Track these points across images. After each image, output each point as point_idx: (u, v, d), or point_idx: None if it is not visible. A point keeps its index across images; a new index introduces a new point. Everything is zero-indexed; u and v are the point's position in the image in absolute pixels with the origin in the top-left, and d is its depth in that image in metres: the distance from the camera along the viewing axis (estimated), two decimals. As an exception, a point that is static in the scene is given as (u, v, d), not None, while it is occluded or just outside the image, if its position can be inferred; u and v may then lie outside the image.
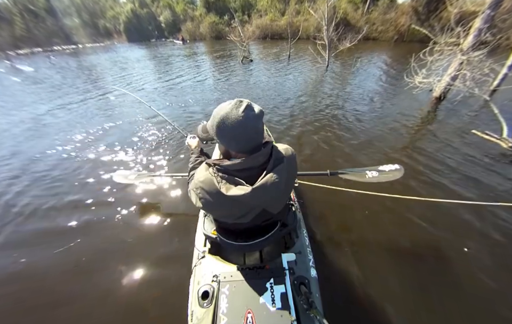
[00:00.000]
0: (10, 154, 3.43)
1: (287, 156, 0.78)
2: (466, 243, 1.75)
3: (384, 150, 3.03)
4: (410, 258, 1.70)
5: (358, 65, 7.90)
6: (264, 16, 23.04)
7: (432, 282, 1.54)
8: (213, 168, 0.73)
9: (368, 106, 4.57)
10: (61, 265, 1.75)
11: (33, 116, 4.87)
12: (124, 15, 28.86)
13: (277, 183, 0.70)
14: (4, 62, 15.13)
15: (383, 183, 1.53)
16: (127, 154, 3.17)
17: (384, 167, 1.60)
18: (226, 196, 0.68)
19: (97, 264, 1.73)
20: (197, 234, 1.33)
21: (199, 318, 0.85)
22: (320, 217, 2.04)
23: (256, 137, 0.71)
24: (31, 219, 2.21)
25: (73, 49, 23.85)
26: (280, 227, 0.94)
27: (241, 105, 0.68)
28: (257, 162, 0.71)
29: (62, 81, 8.53)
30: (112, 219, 2.10)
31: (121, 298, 1.51)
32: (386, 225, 1.94)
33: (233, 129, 0.68)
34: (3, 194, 2.56)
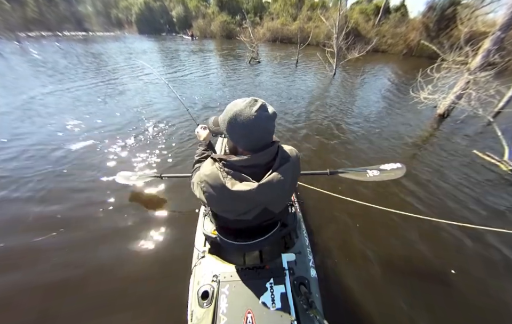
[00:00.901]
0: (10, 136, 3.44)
1: (292, 156, 0.79)
2: (456, 264, 1.74)
3: (384, 162, 3.00)
4: (404, 267, 1.70)
5: (364, 76, 7.89)
6: (275, 20, 23.13)
7: (425, 291, 1.55)
8: (219, 163, 0.73)
9: (371, 118, 4.56)
10: (60, 263, 1.70)
11: (31, 98, 4.92)
12: (137, 7, 29.12)
13: (283, 181, 0.71)
14: (13, 42, 15.33)
15: (382, 193, 1.52)
16: (125, 151, 3.14)
17: (385, 166, 1.58)
18: (231, 191, 0.68)
19: (96, 263, 1.71)
20: (196, 234, 1.32)
21: (199, 318, 0.85)
22: (320, 217, 2.04)
23: (265, 137, 0.71)
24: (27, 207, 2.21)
25: (83, 36, 24.03)
26: (280, 227, 0.94)
27: (255, 104, 0.68)
28: (264, 160, 0.72)
29: (66, 66, 8.59)
30: (112, 218, 2.09)
31: (121, 297, 1.50)
32: (382, 234, 1.94)
33: (244, 127, 0.68)
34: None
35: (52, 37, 19.28)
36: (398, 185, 2.53)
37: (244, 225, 0.85)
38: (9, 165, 2.74)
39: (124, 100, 5.07)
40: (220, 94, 5.81)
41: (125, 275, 1.62)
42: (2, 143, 3.22)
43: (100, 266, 1.68)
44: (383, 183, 2.45)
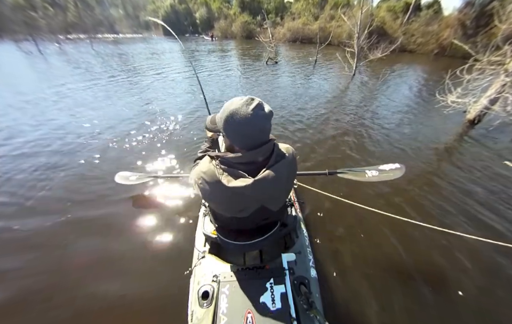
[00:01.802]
0: (37, 124, 3.83)
1: (288, 154, 0.79)
2: (472, 281, 1.59)
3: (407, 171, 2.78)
4: (404, 269, 1.65)
5: (387, 77, 7.39)
6: (297, 19, 22.81)
7: (426, 293, 1.51)
8: (216, 160, 0.74)
9: (392, 121, 4.25)
10: (59, 263, 1.72)
11: (61, 92, 5.60)
12: (163, 9, 30.56)
13: (278, 177, 0.71)
14: (54, 44, 16.94)
15: (390, 200, 1.42)
16: (135, 148, 3.27)
17: (384, 166, 1.57)
18: (227, 188, 0.69)
19: (96, 263, 1.71)
20: (197, 234, 1.32)
21: (199, 318, 0.85)
22: (321, 217, 2.01)
23: (261, 136, 0.71)
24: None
25: (114, 38, 25.80)
26: (280, 227, 0.94)
27: (252, 102, 0.69)
28: (259, 157, 0.73)
29: (97, 65, 9.26)
30: (112, 218, 2.10)
31: (121, 297, 1.49)
32: (383, 237, 1.88)
33: (241, 125, 0.68)
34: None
35: (87, 39, 20.90)
36: (417, 192, 2.38)
37: (243, 224, 0.85)
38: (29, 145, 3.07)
39: (142, 97, 5.37)
40: (232, 94, 5.84)
41: (124, 275, 1.62)
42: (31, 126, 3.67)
43: (99, 266, 1.68)
44: (399, 190, 2.38)
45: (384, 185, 2.40)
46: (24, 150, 3.17)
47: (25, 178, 2.57)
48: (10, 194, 2.35)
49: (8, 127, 3.79)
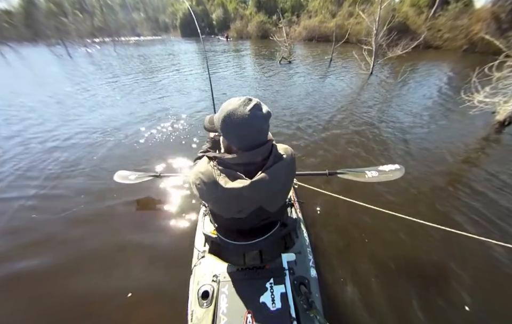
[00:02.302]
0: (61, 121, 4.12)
1: (286, 155, 0.78)
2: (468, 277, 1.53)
3: (428, 174, 2.61)
4: (405, 269, 1.62)
5: (407, 76, 6.94)
6: (313, 18, 22.35)
7: (426, 293, 1.47)
8: (214, 161, 0.75)
9: (411, 122, 3.97)
10: (58, 261, 1.73)
11: (85, 92, 6.06)
12: (181, 12, 31.44)
13: (276, 179, 0.71)
14: (81, 47, 18.14)
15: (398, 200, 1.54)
16: (143, 145, 3.41)
17: (384, 167, 1.60)
18: (224, 189, 0.68)
19: (95, 263, 1.72)
20: (196, 234, 1.33)
21: (199, 318, 0.85)
22: (321, 217, 2.00)
23: (259, 137, 0.71)
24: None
25: (135, 40, 27.06)
26: (280, 227, 0.93)
27: (249, 103, 0.68)
28: (257, 158, 0.72)
29: (118, 67, 9.75)
30: (112, 217, 2.10)
31: (120, 297, 1.49)
32: (384, 236, 1.84)
33: (238, 126, 0.68)
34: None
35: (111, 42, 22.13)
36: (436, 195, 2.26)
37: (242, 225, 0.85)
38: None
39: (155, 96, 5.58)
40: (242, 94, 5.81)
41: (124, 275, 1.63)
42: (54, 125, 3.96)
43: (98, 266, 1.69)
44: (414, 193, 2.26)
45: (398, 186, 2.30)
46: (48, 143, 3.50)
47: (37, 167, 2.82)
48: (33, 179, 2.66)
49: (38, 123, 4.25)
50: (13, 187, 2.56)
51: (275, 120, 4.13)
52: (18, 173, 2.80)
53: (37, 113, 4.73)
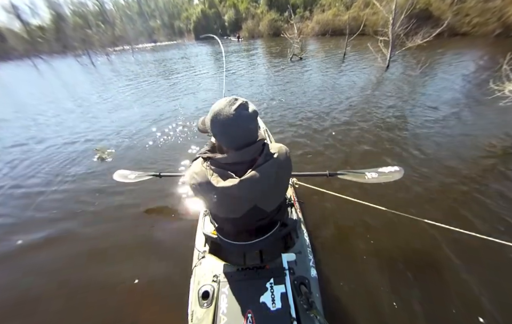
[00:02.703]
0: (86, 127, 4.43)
1: (279, 153, 0.78)
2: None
3: (442, 174, 2.39)
4: (406, 269, 1.57)
5: (428, 66, 6.40)
6: (327, 11, 21.69)
7: (426, 294, 1.44)
8: (207, 161, 0.77)
9: (431, 117, 3.64)
10: (58, 259, 1.77)
11: (104, 96, 6.67)
12: (195, 16, 32.18)
13: (266, 177, 0.71)
14: (103, 55, 19.32)
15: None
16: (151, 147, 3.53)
17: (383, 169, 1.61)
18: (216, 188, 0.70)
19: (95, 263, 1.73)
20: (197, 234, 1.33)
21: (199, 318, 0.86)
22: (321, 217, 1.97)
23: (246, 136, 0.72)
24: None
25: (152, 46, 28.21)
26: (280, 227, 0.94)
27: (235, 103, 0.70)
28: (247, 157, 0.73)
29: (134, 72, 10.25)
30: (111, 217, 2.11)
31: (120, 297, 1.50)
32: (385, 236, 1.79)
33: (223, 126, 0.70)
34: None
35: (129, 50, 23.29)
36: (453, 196, 2.08)
37: (240, 225, 0.85)
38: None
39: (166, 98, 5.80)
40: (248, 93, 5.78)
41: (124, 275, 1.63)
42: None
43: (96, 266, 1.70)
44: (425, 192, 2.12)
45: (409, 186, 2.17)
46: (67, 140, 3.97)
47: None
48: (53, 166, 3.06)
49: (59, 123, 4.88)
50: (35, 179, 2.88)
51: (281, 117, 4.06)
52: (41, 169, 3.13)
53: (60, 117, 5.30)
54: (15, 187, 2.80)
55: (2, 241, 2.03)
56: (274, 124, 3.88)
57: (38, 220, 2.22)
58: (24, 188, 2.77)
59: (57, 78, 12.09)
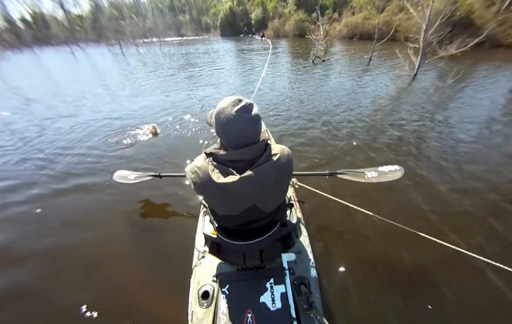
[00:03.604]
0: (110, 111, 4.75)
1: (281, 155, 0.78)
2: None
3: (477, 196, 2.20)
4: (404, 271, 1.59)
5: (460, 78, 5.87)
6: (357, 14, 20.91)
7: (425, 295, 1.46)
8: (210, 157, 0.77)
9: (464, 134, 3.33)
10: (58, 260, 1.76)
11: (130, 85, 7.08)
12: (222, 12, 32.67)
13: (265, 177, 0.72)
14: (132, 46, 20.35)
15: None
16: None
17: (383, 168, 1.61)
18: (216, 184, 0.71)
19: (95, 262, 1.73)
20: (197, 234, 1.33)
21: (199, 318, 0.86)
22: (321, 218, 1.98)
23: (243, 137, 0.72)
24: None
25: (179, 40, 29.12)
26: (280, 227, 0.94)
27: (238, 104, 0.70)
28: (249, 156, 0.73)
29: (159, 63, 10.73)
30: (111, 217, 2.11)
31: (120, 297, 1.49)
32: (385, 242, 1.77)
33: (223, 125, 0.71)
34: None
35: (158, 42, 24.27)
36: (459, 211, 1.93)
37: (239, 223, 0.86)
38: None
39: (186, 90, 6.02)
40: (263, 93, 5.75)
41: (124, 275, 1.63)
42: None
43: (97, 266, 1.69)
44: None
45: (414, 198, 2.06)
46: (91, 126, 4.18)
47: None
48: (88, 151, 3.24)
49: (89, 107, 5.27)
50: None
51: (296, 119, 3.99)
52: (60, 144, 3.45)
53: (90, 101, 5.82)
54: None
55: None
56: (278, 124, 3.88)
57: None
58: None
59: (91, 65, 13.00)
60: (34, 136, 3.86)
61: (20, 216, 2.19)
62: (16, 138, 3.84)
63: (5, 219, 2.16)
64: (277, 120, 4.08)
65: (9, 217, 2.19)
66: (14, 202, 2.36)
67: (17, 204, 2.32)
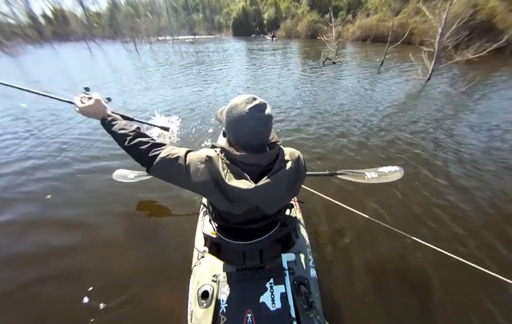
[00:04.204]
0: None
1: (293, 160, 0.77)
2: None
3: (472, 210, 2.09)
4: (403, 273, 1.60)
5: (476, 84, 5.59)
6: (372, 16, 20.48)
7: (424, 296, 1.47)
8: (221, 153, 0.75)
9: (480, 142, 3.19)
10: (58, 259, 1.75)
11: (143, 80, 7.35)
12: (235, 12, 32.85)
13: (279, 185, 0.71)
14: (146, 44, 20.84)
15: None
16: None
17: (383, 168, 1.60)
18: (226, 184, 0.68)
19: (95, 262, 1.73)
20: (196, 234, 1.33)
21: (198, 318, 0.86)
22: (321, 218, 1.99)
23: (257, 138, 0.71)
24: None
25: (192, 39, 29.55)
26: (280, 227, 0.94)
27: (252, 102, 0.69)
28: (264, 162, 0.72)
29: (170, 60, 11.03)
30: (109, 217, 2.11)
31: (120, 297, 1.48)
32: (384, 244, 1.78)
33: (235, 121, 0.70)
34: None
35: (171, 41, 24.72)
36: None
37: (239, 222, 0.86)
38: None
39: (194, 87, 6.12)
40: (266, 95, 5.75)
41: (123, 276, 1.63)
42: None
43: (97, 266, 1.69)
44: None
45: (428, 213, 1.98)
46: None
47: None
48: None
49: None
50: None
51: (296, 117, 3.98)
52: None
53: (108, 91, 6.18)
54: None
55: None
56: (284, 126, 3.89)
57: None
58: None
59: (106, 61, 13.44)
60: (39, 126, 4.05)
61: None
62: (31, 126, 4.06)
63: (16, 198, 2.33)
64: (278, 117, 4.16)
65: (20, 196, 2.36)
66: (24, 190, 2.47)
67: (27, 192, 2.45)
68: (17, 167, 2.83)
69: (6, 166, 2.85)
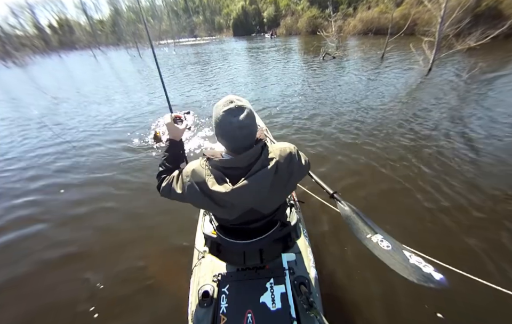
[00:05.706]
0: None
1: (280, 157, 0.74)
2: None
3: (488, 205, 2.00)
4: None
5: (477, 74, 5.42)
6: (373, 8, 20.17)
7: (424, 297, 1.42)
8: (206, 161, 0.76)
9: (473, 137, 3.07)
10: (59, 258, 1.80)
11: (145, 83, 7.53)
12: (235, 12, 32.92)
13: (260, 185, 0.68)
14: (149, 49, 21.14)
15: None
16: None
17: (419, 259, 0.80)
18: (210, 190, 0.70)
19: (95, 262, 1.74)
20: (197, 234, 1.34)
21: (199, 318, 0.86)
22: (321, 218, 1.98)
23: (233, 141, 0.70)
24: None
25: (193, 41, 29.81)
26: (280, 226, 0.93)
27: (228, 105, 0.67)
28: (244, 163, 0.71)
29: (170, 63, 11.18)
30: (111, 217, 2.14)
31: (120, 297, 1.49)
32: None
33: (215, 125, 0.70)
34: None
35: (172, 44, 25.05)
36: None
37: (238, 221, 0.85)
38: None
39: (193, 87, 6.31)
40: (262, 92, 5.82)
41: (124, 276, 1.62)
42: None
43: (97, 266, 1.72)
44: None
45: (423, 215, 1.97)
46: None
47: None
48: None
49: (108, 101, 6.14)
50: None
51: (299, 120, 4.03)
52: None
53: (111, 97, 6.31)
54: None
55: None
56: (277, 124, 3.94)
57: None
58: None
59: (111, 67, 13.90)
60: (46, 131, 4.40)
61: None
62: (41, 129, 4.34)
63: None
64: (268, 113, 4.30)
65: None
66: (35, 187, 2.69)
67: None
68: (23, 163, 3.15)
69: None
